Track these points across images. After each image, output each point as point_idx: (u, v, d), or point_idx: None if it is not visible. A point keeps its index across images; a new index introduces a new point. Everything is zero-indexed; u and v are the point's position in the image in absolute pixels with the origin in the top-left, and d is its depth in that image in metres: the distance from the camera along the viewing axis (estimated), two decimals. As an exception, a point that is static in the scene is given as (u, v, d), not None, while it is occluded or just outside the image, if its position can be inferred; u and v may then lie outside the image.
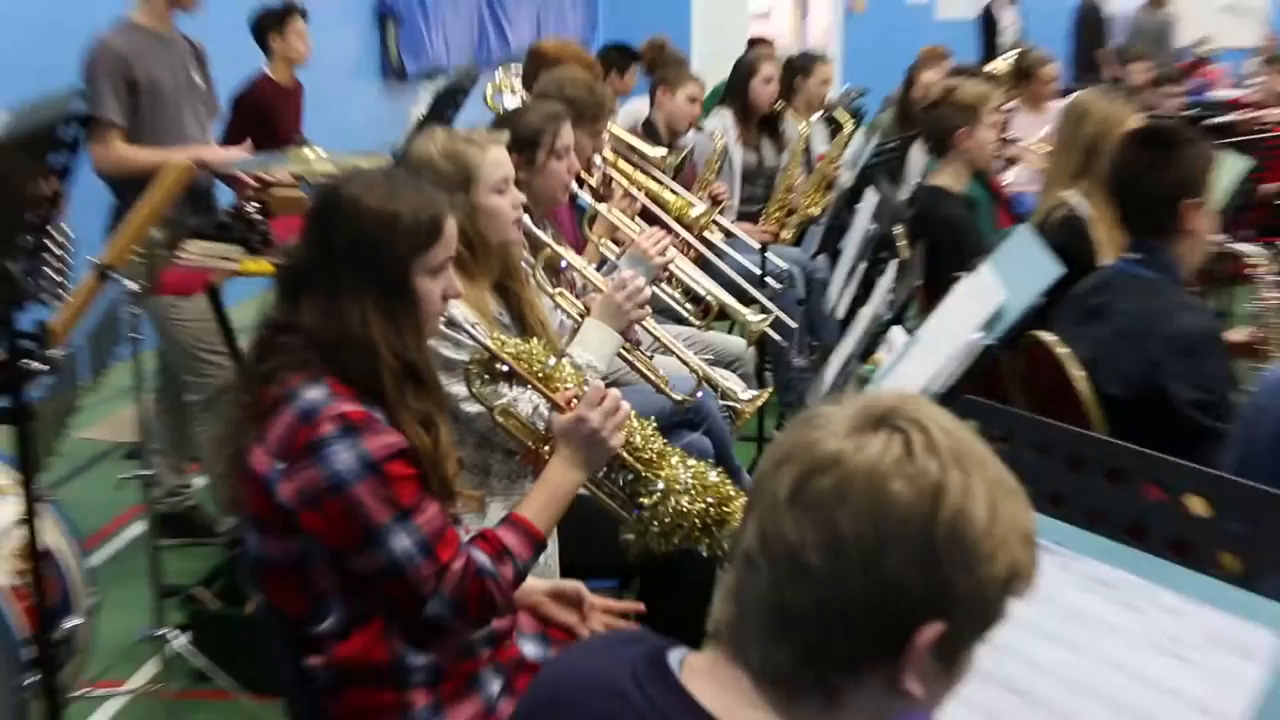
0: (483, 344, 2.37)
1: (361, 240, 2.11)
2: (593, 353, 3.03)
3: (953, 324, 2.60)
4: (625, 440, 2.39)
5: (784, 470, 1.14)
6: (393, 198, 2.14)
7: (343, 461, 2.03)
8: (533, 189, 3.46)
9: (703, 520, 2.40)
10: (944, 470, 1.11)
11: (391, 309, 2.13)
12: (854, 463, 1.11)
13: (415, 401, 2.14)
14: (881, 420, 1.14)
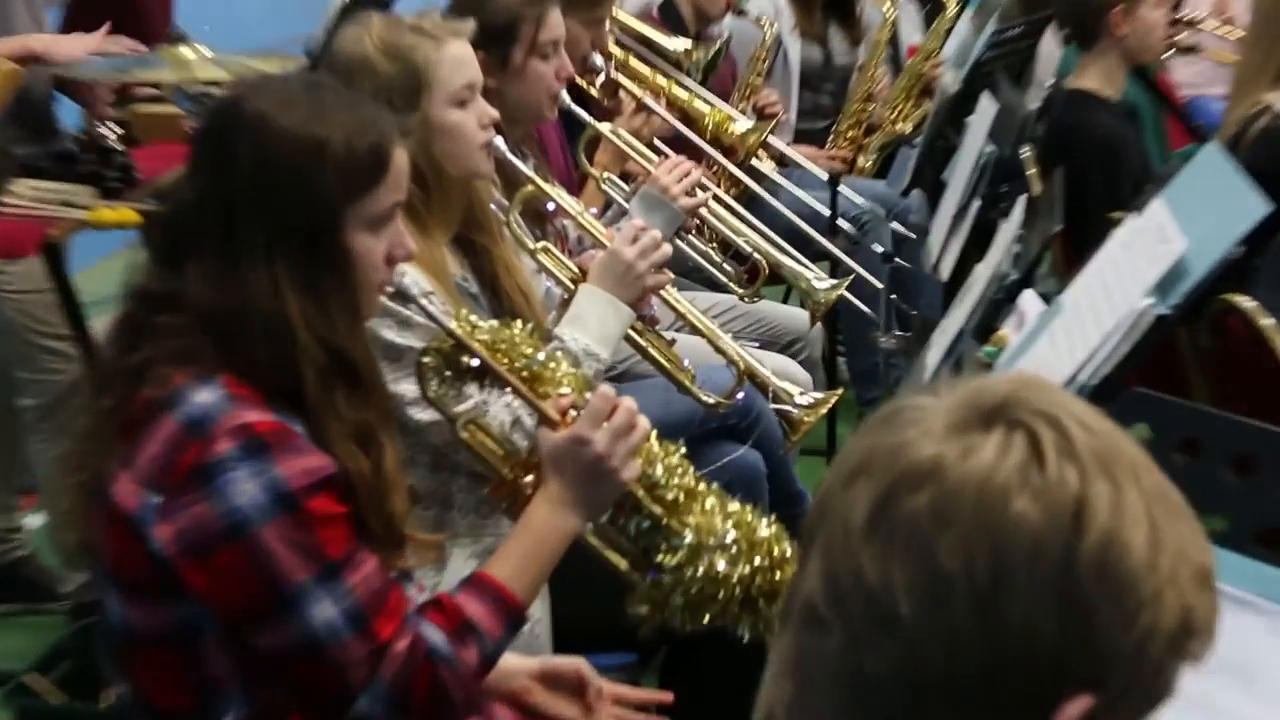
0: (444, 326, 2.37)
1: (273, 179, 2.12)
2: (591, 335, 3.04)
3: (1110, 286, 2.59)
4: (642, 472, 2.39)
5: (859, 486, 1.14)
6: (318, 118, 2.15)
7: (245, 494, 2.04)
8: (507, 100, 3.46)
9: (745, 590, 2.39)
10: (1086, 481, 1.10)
11: (315, 277, 2.13)
12: (959, 473, 1.11)
13: (349, 409, 2.15)
14: (995, 414, 1.13)
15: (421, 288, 2.63)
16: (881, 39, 6.08)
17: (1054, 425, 1.12)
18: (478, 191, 3.01)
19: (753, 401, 3.62)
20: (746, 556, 2.39)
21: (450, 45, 2.92)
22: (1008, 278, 3.12)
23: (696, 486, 2.45)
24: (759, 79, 5.57)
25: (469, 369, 2.41)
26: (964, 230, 3.91)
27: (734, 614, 2.40)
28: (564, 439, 2.34)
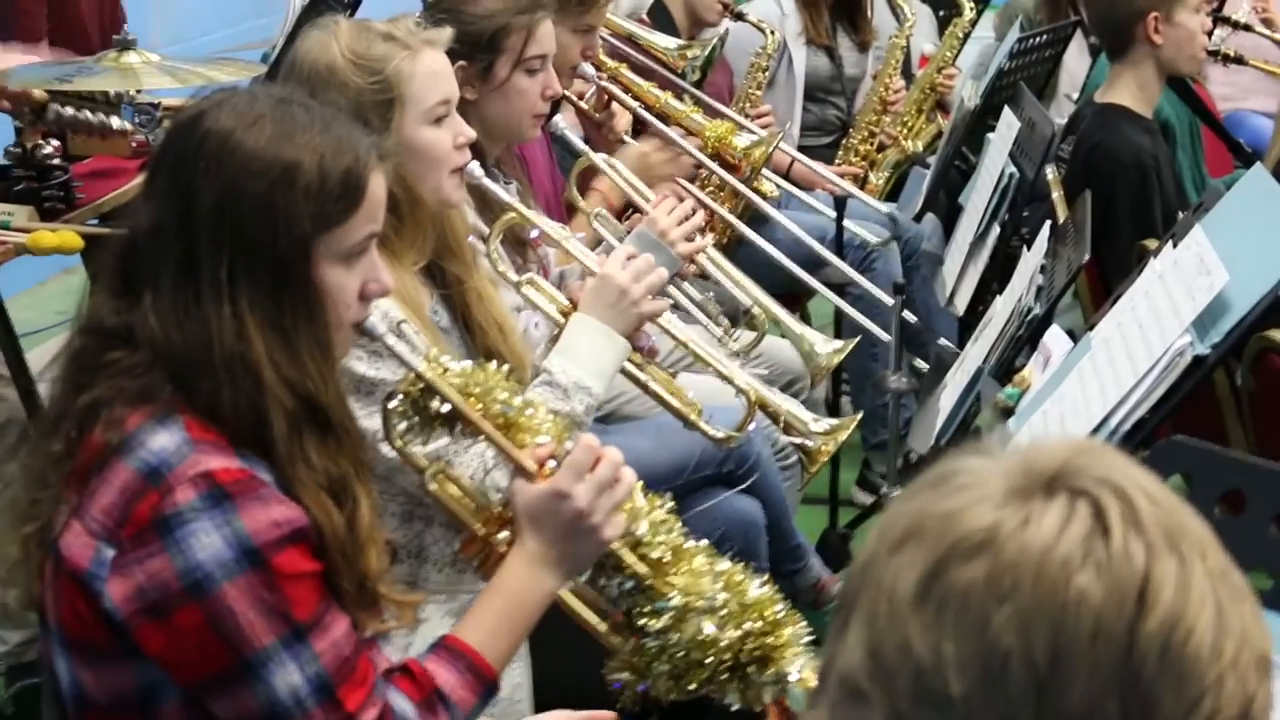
0: (413, 368, 2.36)
1: (238, 205, 2.12)
2: (583, 367, 3.04)
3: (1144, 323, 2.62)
4: (626, 529, 2.39)
5: (907, 554, 1.15)
6: (288, 138, 2.15)
7: (207, 548, 2.04)
8: (486, 116, 3.49)
9: (735, 656, 2.39)
10: (1152, 557, 1.12)
11: (282, 313, 2.13)
12: (1019, 543, 1.12)
13: (320, 458, 2.15)
14: (1056, 481, 1.15)
15: (394, 318, 2.63)
16: (894, 48, 6.05)
17: (1119, 495, 1.14)
18: (450, 217, 3.00)
19: (751, 449, 3.64)
20: (737, 619, 2.38)
21: (425, 56, 2.92)
22: (1030, 312, 3.13)
23: (685, 544, 2.43)
24: (758, 90, 5.56)
25: (439, 414, 2.38)
26: (982, 259, 3.93)
27: (722, 682, 2.40)
28: (542, 492, 2.32)
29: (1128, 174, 4.21)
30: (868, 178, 5.95)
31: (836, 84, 6.08)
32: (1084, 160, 4.33)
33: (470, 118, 3.35)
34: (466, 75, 3.43)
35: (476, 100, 3.47)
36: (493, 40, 3.49)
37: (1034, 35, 5.30)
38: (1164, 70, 4.40)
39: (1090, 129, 4.39)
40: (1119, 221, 4.08)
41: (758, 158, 4.44)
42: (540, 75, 3.55)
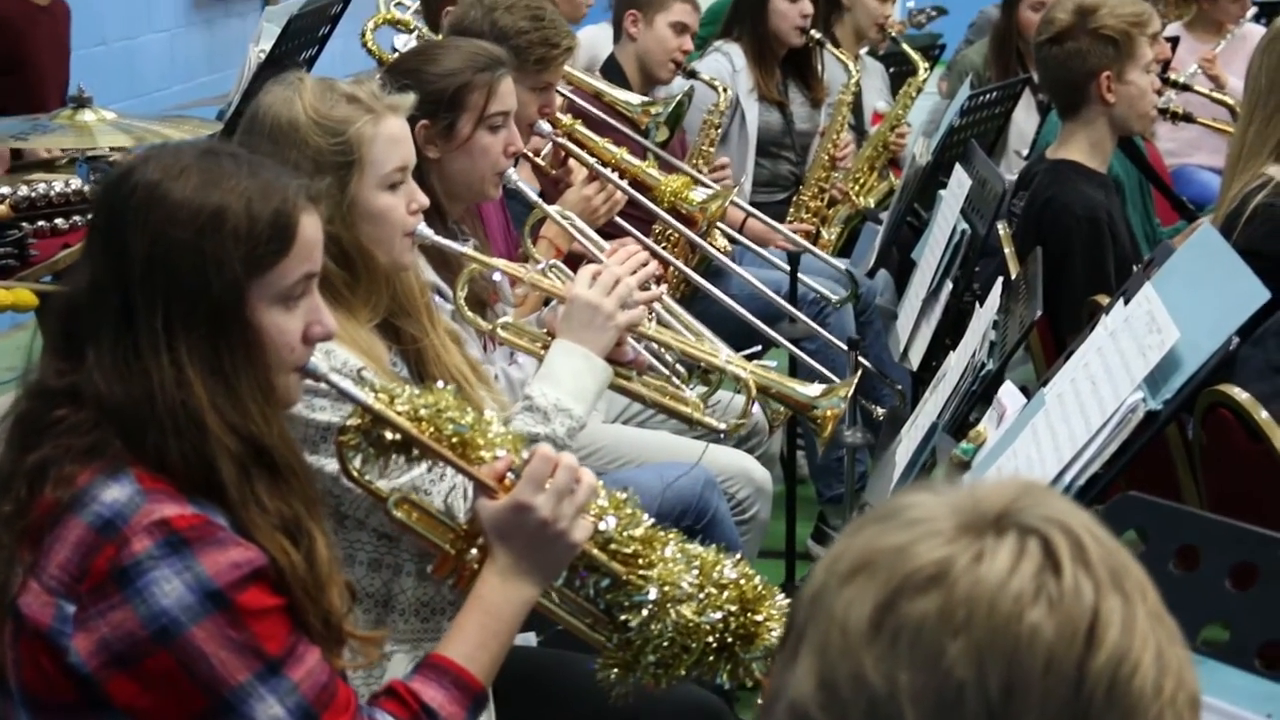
0: (358, 400, 2.36)
1: (167, 254, 2.13)
2: (563, 389, 3.07)
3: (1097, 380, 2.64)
4: (594, 528, 2.42)
5: (859, 584, 1.17)
6: (213, 184, 2.16)
7: (170, 594, 2.05)
8: (449, 174, 3.52)
9: (720, 637, 2.42)
10: (1101, 595, 1.15)
11: (221, 359, 2.14)
12: (971, 579, 1.14)
13: (271, 499, 2.16)
14: (1003, 518, 1.17)
15: (353, 365, 2.66)
16: (844, 101, 6.11)
17: (1067, 534, 1.16)
18: (404, 278, 3.01)
19: (708, 504, 3.65)
20: (715, 602, 2.41)
21: (387, 121, 2.93)
22: (984, 367, 3.15)
23: (654, 534, 2.47)
24: (711, 147, 5.60)
25: (393, 443, 2.40)
26: (935, 314, 3.95)
27: (710, 664, 2.43)
28: (504, 507, 2.34)
29: (1082, 228, 4.24)
30: (819, 234, 5.98)
31: (788, 139, 6.13)
32: (1037, 216, 4.36)
33: (433, 176, 3.39)
34: (429, 134, 3.45)
35: (439, 159, 3.50)
36: (455, 98, 3.51)
37: (984, 92, 5.35)
38: (1116, 128, 4.43)
39: (1044, 185, 4.42)
40: (1073, 276, 4.11)
41: (714, 211, 4.47)
42: (502, 132, 3.58)
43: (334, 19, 4.83)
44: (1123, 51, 4.32)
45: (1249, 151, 3.90)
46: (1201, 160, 6.86)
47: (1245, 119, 4.00)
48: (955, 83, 6.54)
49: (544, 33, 4.13)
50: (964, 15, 8.59)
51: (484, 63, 3.56)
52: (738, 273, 4.57)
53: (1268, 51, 3.95)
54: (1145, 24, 4.37)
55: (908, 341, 4.14)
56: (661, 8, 5.56)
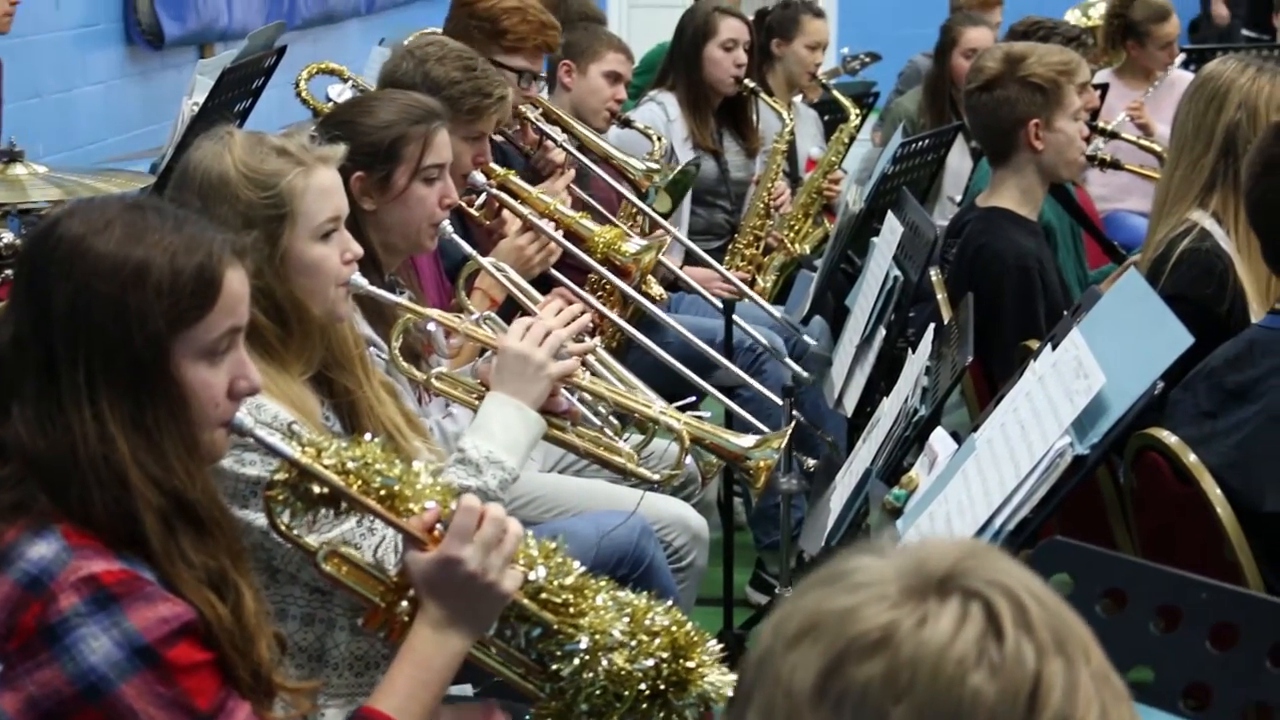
0: (285, 455, 2.36)
1: (90, 308, 2.13)
2: (495, 442, 3.07)
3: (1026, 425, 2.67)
4: (523, 578, 2.42)
5: (804, 649, 1.18)
6: (136, 238, 2.17)
7: (99, 651, 2.04)
8: (384, 226, 3.53)
9: (652, 685, 2.42)
10: (1043, 659, 1.16)
11: (144, 414, 2.15)
12: (915, 643, 1.16)
13: (197, 554, 2.16)
14: (948, 582, 1.19)
15: (283, 419, 2.66)
16: (779, 149, 6.15)
17: (1010, 598, 1.18)
18: (338, 330, 3.02)
19: (644, 551, 3.66)
20: (647, 649, 2.42)
21: (317, 173, 2.94)
22: (917, 413, 3.17)
23: (585, 582, 2.47)
24: (646, 195, 5.62)
25: (321, 496, 2.39)
26: (869, 361, 3.97)
27: (644, 711, 2.43)
28: (433, 560, 2.35)
29: (1012, 276, 4.26)
30: (755, 281, 6.00)
31: (723, 188, 6.16)
32: (969, 263, 4.39)
33: (369, 228, 3.40)
34: (364, 186, 3.46)
35: (375, 210, 3.51)
36: (390, 150, 3.52)
37: (917, 140, 5.38)
38: (1046, 175, 4.47)
39: (975, 232, 4.45)
40: (1004, 322, 4.14)
41: (647, 263, 4.49)
42: (438, 184, 3.59)
43: (268, 71, 4.83)
44: (1051, 100, 4.36)
45: (1174, 196, 3.94)
46: (1133, 205, 6.93)
47: (1171, 164, 4.04)
48: (889, 130, 6.59)
49: (476, 83, 4.14)
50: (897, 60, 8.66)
51: (419, 115, 3.57)
52: (670, 324, 4.59)
53: (1194, 99, 3.99)
54: (1073, 73, 4.41)
55: (842, 387, 4.15)
56: (595, 57, 5.59)
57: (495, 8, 4.98)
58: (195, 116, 4.61)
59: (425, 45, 4.26)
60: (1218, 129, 3.89)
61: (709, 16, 6.09)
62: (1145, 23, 7.32)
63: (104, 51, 8.66)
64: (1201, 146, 3.91)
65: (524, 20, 4.97)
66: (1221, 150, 3.88)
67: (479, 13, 4.98)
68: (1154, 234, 3.98)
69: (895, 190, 4.77)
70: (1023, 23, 6.22)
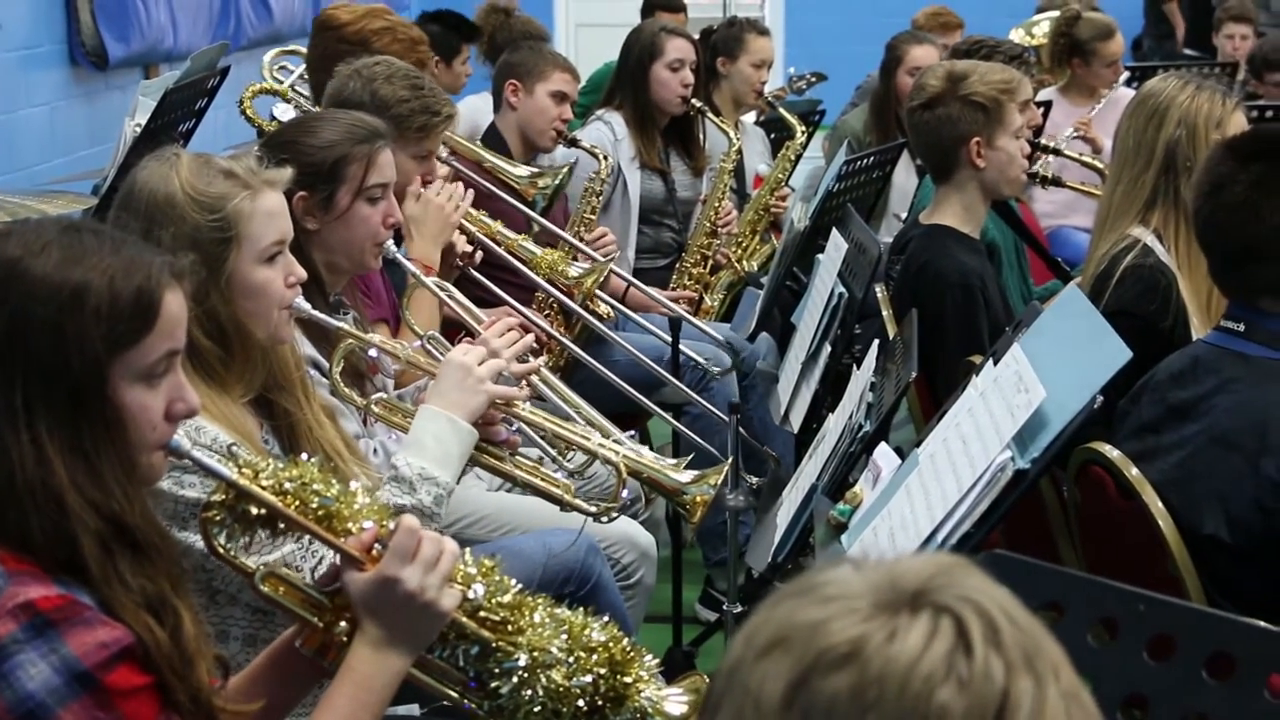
0: (222, 476, 2.36)
1: (26, 331, 2.13)
2: (428, 456, 3.08)
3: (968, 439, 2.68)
4: (461, 596, 2.43)
5: (774, 661, 1.19)
6: (74, 261, 2.16)
7: (37, 678, 2.04)
8: (329, 246, 3.54)
9: (590, 700, 2.44)
10: (1011, 675, 1.17)
11: (81, 437, 2.14)
12: (884, 657, 1.17)
13: (135, 577, 2.15)
14: (919, 597, 1.19)
15: (222, 442, 2.65)
16: (725, 168, 6.17)
17: (981, 614, 1.18)
18: (280, 352, 3.02)
19: (591, 570, 3.66)
20: (585, 665, 2.44)
21: (264, 196, 2.94)
22: (862, 429, 3.18)
23: (522, 600, 2.48)
24: (593, 215, 5.63)
25: (258, 517, 2.39)
26: (815, 377, 3.98)
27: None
28: (372, 580, 2.35)
29: (954, 293, 4.29)
30: (703, 299, 6.02)
31: (670, 207, 6.17)
32: (913, 280, 4.41)
33: (313, 248, 3.40)
34: (308, 206, 3.47)
35: (318, 230, 3.51)
36: (333, 170, 3.53)
37: (861, 157, 5.40)
38: (988, 192, 4.49)
39: (918, 250, 4.47)
40: (947, 339, 4.16)
41: (589, 286, 4.52)
42: (381, 204, 3.60)
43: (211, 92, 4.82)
44: (992, 118, 4.38)
45: (1116, 213, 3.97)
46: (1078, 221, 6.97)
47: (1113, 181, 4.06)
48: (835, 148, 6.62)
49: (424, 101, 4.16)
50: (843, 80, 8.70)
51: (363, 134, 3.58)
52: (618, 342, 4.60)
53: (1134, 115, 4.02)
54: (1014, 91, 4.43)
55: (789, 404, 4.16)
56: (541, 77, 5.61)
57: (364, 29, 5.03)
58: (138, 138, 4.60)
59: (372, 65, 4.27)
60: (1158, 146, 3.92)
61: (655, 37, 6.11)
62: (1091, 41, 7.39)
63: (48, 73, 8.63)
64: (1142, 163, 3.94)
65: (395, 39, 5.02)
66: (1162, 167, 3.91)
67: (348, 36, 5.02)
68: (1096, 250, 4.00)
69: (840, 208, 4.78)
70: (965, 41, 6.26)
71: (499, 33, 7.31)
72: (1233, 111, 3.96)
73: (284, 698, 2.51)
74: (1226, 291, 3.25)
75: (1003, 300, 4.47)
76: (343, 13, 5.25)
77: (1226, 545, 3.05)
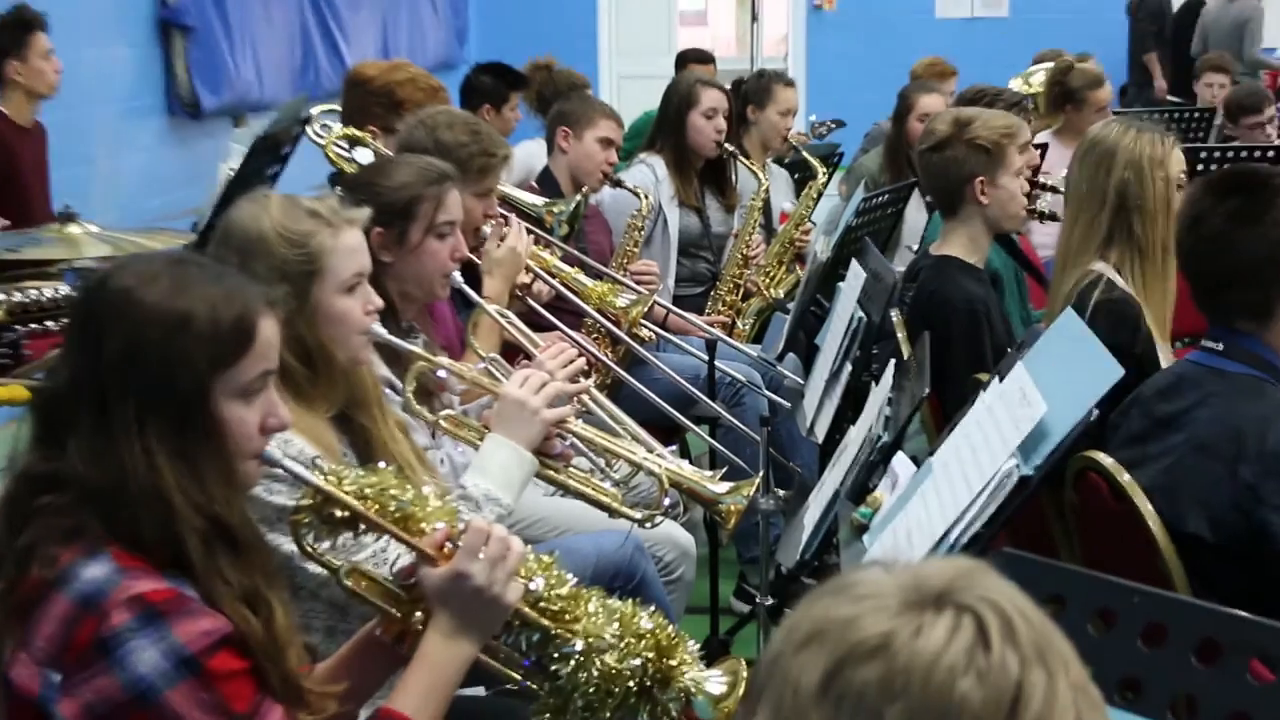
0: (309, 482, 2.39)
1: (139, 353, 2.15)
2: (493, 480, 3.12)
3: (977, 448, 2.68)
4: (524, 589, 2.45)
5: (811, 652, 1.20)
6: (181, 290, 2.19)
7: (147, 662, 2.06)
8: (402, 277, 3.56)
9: (640, 681, 2.46)
10: (1025, 668, 1.17)
11: (186, 447, 2.16)
12: (910, 651, 1.17)
13: (234, 573, 2.18)
14: (943, 597, 1.20)
15: (308, 454, 2.67)
16: (755, 206, 6.18)
17: (999, 613, 1.19)
18: (359, 373, 3.05)
19: (638, 566, 3.67)
20: (634, 650, 2.45)
21: (345, 233, 2.98)
22: (880, 439, 3.18)
23: (578, 592, 2.51)
24: (635, 248, 5.65)
25: (342, 519, 2.42)
26: (837, 393, 3.98)
27: (632, 706, 2.47)
28: (444, 575, 2.38)
29: (961, 318, 4.28)
30: (735, 323, 6.02)
31: (705, 240, 6.18)
32: (924, 306, 4.41)
33: (388, 279, 3.42)
34: (384, 241, 3.49)
35: (393, 263, 3.52)
36: (407, 209, 3.55)
37: (877, 195, 5.40)
38: (991, 226, 4.48)
39: (928, 278, 4.47)
40: (955, 358, 4.15)
41: (634, 315, 4.54)
42: (449, 239, 3.62)
43: (295, 139, 4.85)
44: (995, 159, 4.38)
45: (1076, 251, 3.99)
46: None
47: (1070, 223, 4.07)
48: (853, 186, 6.62)
49: (482, 144, 4.19)
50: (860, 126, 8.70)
51: (433, 176, 3.60)
52: (658, 365, 4.62)
53: (1083, 162, 4.04)
54: (1015, 135, 4.43)
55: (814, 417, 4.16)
56: (589, 124, 5.63)
57: (390, 81, 5.07)
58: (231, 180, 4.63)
59: (434, 115, 4.29)
60: (1109, 189, 3.94)
61: (691, 88, 6.13)
62: (1082, 89, 7.37)
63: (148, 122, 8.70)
64: (1096, 205, 3.96)
65: (417, 88, 5.06)
66: (1115, 208, 3.94)
67: (375, 89, 5.07)
68: (1060, 286, 4.01)
69: (858, 240, 4.78)
70: (970, 90, 6.27)
71: (545, 85, 7.34)
72: (1171, 150, 3.98)
73: (365, 682, 2.52)
74: (1207, 314, 3.25)
75: (1005, 323, 4.46)
76: (370, 68, 5.32)
77: (1209, 543, 3.05)
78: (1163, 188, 3.91)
